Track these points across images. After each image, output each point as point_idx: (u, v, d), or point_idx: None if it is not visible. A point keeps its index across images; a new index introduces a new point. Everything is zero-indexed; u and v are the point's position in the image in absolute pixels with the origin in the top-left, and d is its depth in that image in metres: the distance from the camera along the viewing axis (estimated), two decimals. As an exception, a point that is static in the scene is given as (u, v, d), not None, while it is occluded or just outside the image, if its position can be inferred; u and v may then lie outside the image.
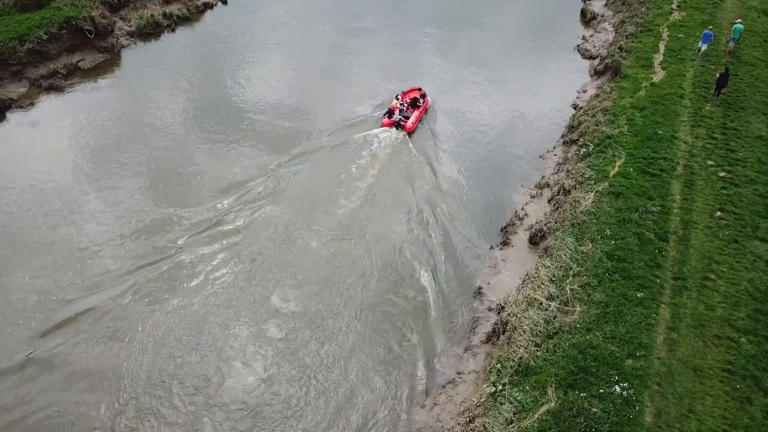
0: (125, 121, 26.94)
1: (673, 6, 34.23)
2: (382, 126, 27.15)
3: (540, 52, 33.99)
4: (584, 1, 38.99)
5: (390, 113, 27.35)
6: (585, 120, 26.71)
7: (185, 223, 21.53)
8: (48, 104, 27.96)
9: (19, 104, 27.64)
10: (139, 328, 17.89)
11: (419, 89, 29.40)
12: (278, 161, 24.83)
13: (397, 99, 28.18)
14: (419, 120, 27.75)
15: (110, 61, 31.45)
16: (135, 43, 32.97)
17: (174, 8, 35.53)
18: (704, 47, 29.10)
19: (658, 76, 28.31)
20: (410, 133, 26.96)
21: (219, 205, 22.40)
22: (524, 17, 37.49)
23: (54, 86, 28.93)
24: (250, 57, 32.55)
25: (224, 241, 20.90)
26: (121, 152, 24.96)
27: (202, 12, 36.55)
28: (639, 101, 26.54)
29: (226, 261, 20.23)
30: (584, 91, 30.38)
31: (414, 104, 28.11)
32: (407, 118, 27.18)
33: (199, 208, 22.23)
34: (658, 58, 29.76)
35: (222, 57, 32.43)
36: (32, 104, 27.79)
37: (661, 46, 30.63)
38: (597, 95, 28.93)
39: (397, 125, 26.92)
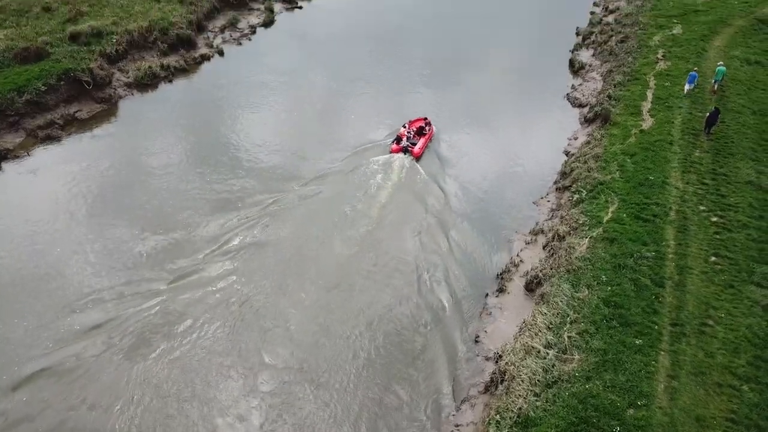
0: (120, 170, 27.00)
1: (658, 56, 35.20)
2: (390, 152, 28.44)
3: (531, 100, 34.66)
4: (572, 52, 40.02)
5: (398, 140, 28.91)
6: (577, 166, 27.03)
7: (177, 269, 21.37)
8: (44, 154, 28.07)
9: (15, 154, 27.75)
10: (119, 383, 17.47)
11: (425, 118, 30.85)
12: (290, 187, 25.76)
13: (404, 127, 29.68)
14: (425, 147, 29.09)
15: (107, 111, 31.79)
16: (132, 94, 33.42)
17: (172, 60, 36.20)
18: (690, 87, 30.68)
19: (647, 123, 28.86)
20: (418, 158, 28.34)
21: (218, 249, 22.33)
22: (515, 67, 38.36)
23: (50, 136, 29.13)
24: (246, 104, 32.97)
25: (217, 285, 20.75)
26: (114, 201, 24.93)
27: (200, 64, 37.23)
28: (629, 148, 26.95)
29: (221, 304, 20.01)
30: (575, 138, 30.86)
31: (420, 132, 29.57)
32: (414, 144, 28.62)
33: (190, 258, 22.10)
34: (646, 105, 30.40)
35: (218, 105, 32.87)
36: (28, 154, 27.91)
37: (649, 95, 31.33)
38: (588, 142, 29.38)
39: (405, 150, 28.36)
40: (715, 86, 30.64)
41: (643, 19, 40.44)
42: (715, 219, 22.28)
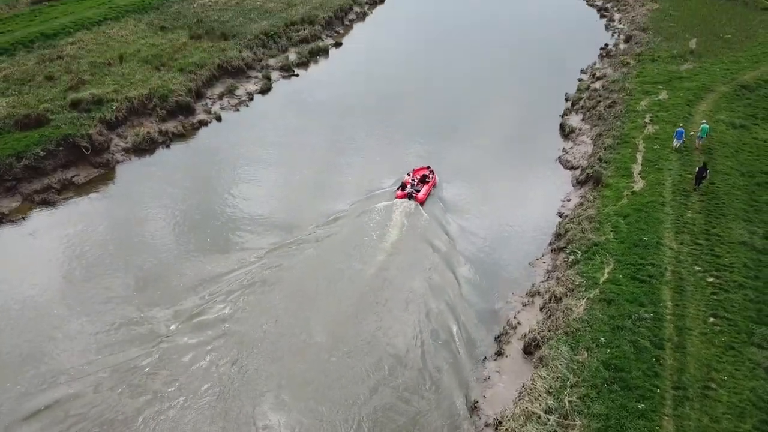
0: (115, 235, 27.01)
1: (646, 120, 36.11)
2: (396, 198, 29.76)
3: (524, 163, 35.21)
4: (562, 116, 41.03)
5: (403, 186, 30.27)
6: (571, 227, 27.19)
7: (168, 330, 20.99)
8: (39, 219, 28.09)
9: (10, 218, 27.75)
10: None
11: (428, 167, 32.32)
12: (294, 234, 26.31)
13: (408, 175, 31.02)
14: (429, 193, 30.39)
15: (104, 176, 32.05)
16: (130, 159, 33.80)
17: (170, 125, 36.86)
18: (678, 143, 31.92)
19: (639, 184, 29.27)
20: (422, 203, 29.56)
21: (215, 306, 22.03)
22: (507, 131, 39.17)
23: (47, 201, 29.23)
24: (242, 166, 33.29)
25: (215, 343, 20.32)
26: (108, 265, 24.80)
27: (197, 129, 37.88)
28: (622, 209, 27.21)
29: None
30: (568, 200, 31.18)
31: (423, 180, 31.11)
32: (418, 191, 30.05)
33: (182, 319, 21.79)
34: (637, 168, 30.93)
35: (213, 168, 33.21)
36: (23, 218, 27.93)
37: (639, 157, 31.93)
38: (581, 204, 29.67)
39: (410, 196, 29.60)
40: (699, 143, 31.91)
41: (630, 85, 41.73)
42: (711, 279, 22.25)
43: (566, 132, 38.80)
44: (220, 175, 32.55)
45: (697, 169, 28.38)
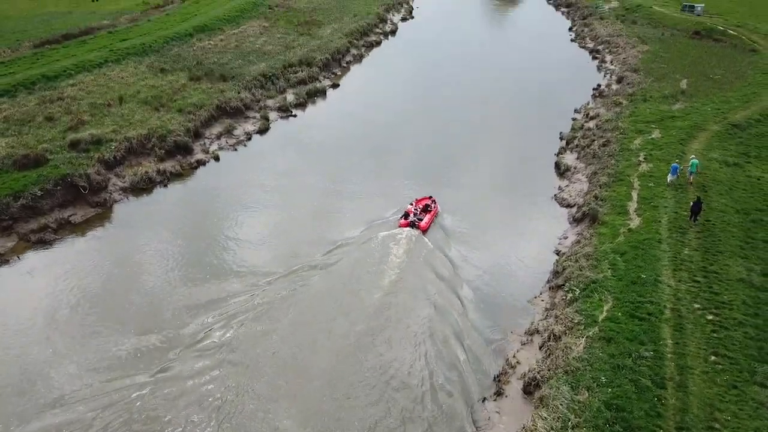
0: (110, 274, 26.85)
1: (640, 158, 36.50)
2: (399, 226, 30.54)
3: (520, 202, 35.38)
4: (557, 155, 41.45)
5: (406, 215, 31.14)
6: (569, 265, 27.14)
7: (160, 366, 20.65)
8: (35, 259, 27.91)
9: (6, 258, 27.59)
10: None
11: (430, 197, 33.49)
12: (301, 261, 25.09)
13: (411, 205, 32.06)
14: (431, 222, 31.34)
15: (101, 215, 32.04)
16: (127, 198, 33.85)
17: (168, 165, 37.06)
18: (672, 178, 32.49)
19: (635, 222, 29.38)
20: (424, 231, 30.43)
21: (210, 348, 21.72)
22: (503, 170, 39.51)
23: (43, 240, 29.12)
24: (239, 205, 33.29)
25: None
26: (102, 304, 24.58)
27: (195, 168, 38.08)
28: (619, 246, 27.24)
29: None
30: (565, 238, 31.22)
31: (426, 209, 32.04)
32: (421, 220, 30.96)
33: (173, 357, 21.46)
34: (633, 205, 31.10)
35: (210, 207, 33.23)
36: (18, 258, 27.77)
37: (634, 195, 32.15)
38: (578, 241, 29.71)
39: (413, 225, 30.50)
40: (691, 178, 32.56)
41: (623, 124, 42.34)
42: (710, 317, 22.12)
43: (561, 170, 39.13)
44: (216, 214, 32.57)
45: (691, 203, 28.78)
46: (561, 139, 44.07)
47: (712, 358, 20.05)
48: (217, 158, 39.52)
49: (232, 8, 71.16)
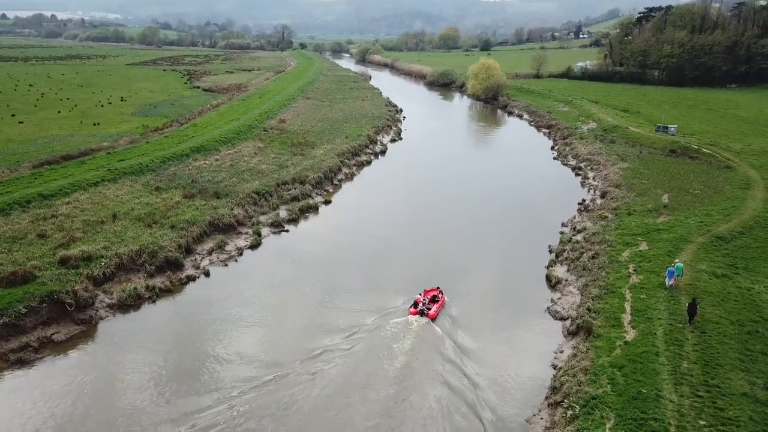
0: (89, 396, 25.70)
1: (630, 270, 36.72)
2: (409, 314, 32.85)
3: (513, 315, 34.96)
4: (547, 267, 41.64)
5: (415, 305, 33.54)
6: (567, 380, 26.32)
7: None
8: (12, 380, 26.78)
9: (-20, 379, 26.47)
10: None
11: (438, 288, 35.90)
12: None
13: (420, 295, 34.58)
14: (439, 312, 33.43)
15: (85, 333, 31.19)
16: (114, 315, 33.18)
17: (158, 281, 36.77)
18: (670, 281, 33.58)
19: (630, 335, 28.94)
20: (433, 319, 32.49)
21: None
22: (493, 284, 39.46)
23: (22, 360, 28.12)
24: (227, 321, 32.68)
25: None
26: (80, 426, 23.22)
27: (185, 284, 37.75)
28: (616, 360, 26.61)
29: None
30: (561, 351, 30.53)
31: (434, 300, 34.46)
32: (429, 308, 33.24)
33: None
34: (626, 317, 30.80)
35: (198, 325, 32.53)
36: (-6, 379, 26.65)
37: (627, 307, 31.94)
38: (574, 355, 29.02)
39: (422, 313, 32.72)
40: (678, 281, 33.83)
41: (610, 237, 43.03)
42: (717, 434, 21.17)
43: (553, 283, 39.12)
44: (203, 332, 31.83)
45: (687, 305, 29.50)
46: (550, 251, 44.50)
47: (725, 480, 18.94)
48: (207, 273, 39.32)
49: (228, 130, 74.42)
